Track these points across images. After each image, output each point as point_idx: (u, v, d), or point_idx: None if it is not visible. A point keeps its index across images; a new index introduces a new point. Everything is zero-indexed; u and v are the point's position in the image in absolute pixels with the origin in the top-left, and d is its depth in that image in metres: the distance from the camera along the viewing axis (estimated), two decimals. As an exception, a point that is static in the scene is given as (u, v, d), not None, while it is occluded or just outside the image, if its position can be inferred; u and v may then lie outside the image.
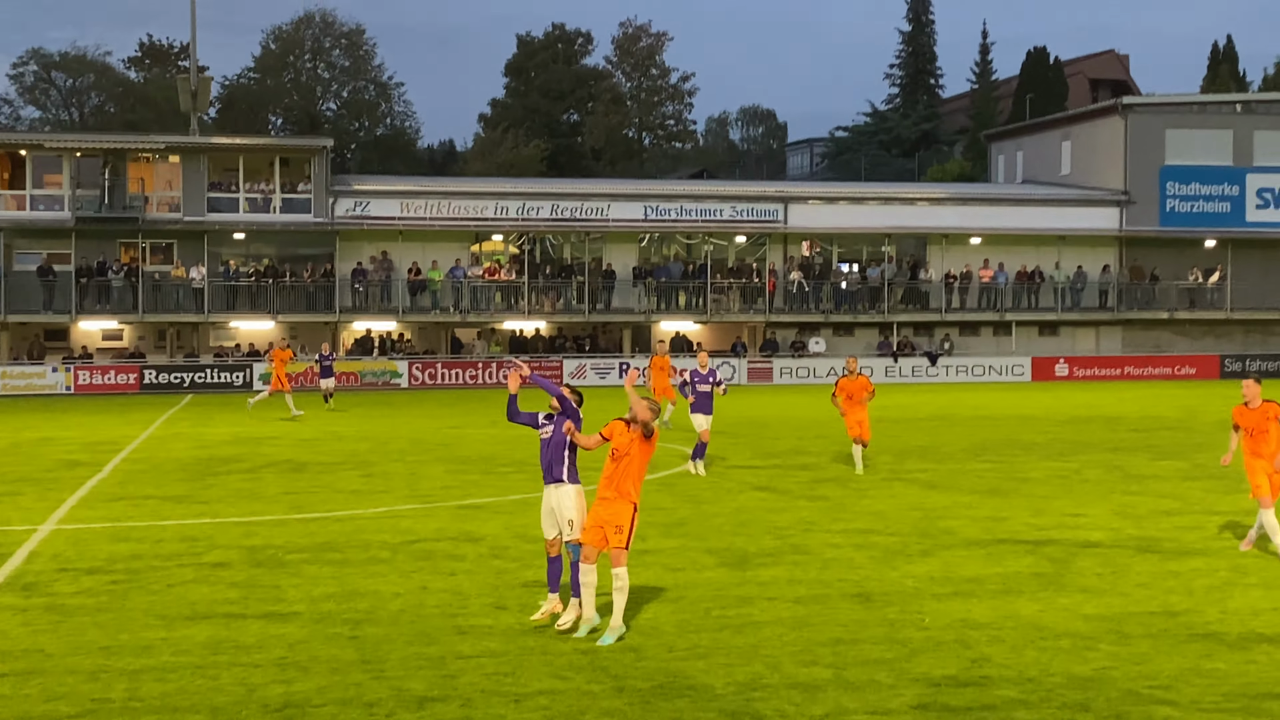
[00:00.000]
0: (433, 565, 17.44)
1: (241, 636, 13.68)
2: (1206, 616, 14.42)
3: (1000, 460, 29.46)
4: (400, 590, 15.88)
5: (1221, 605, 14.94)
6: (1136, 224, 67.37)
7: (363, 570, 17.12)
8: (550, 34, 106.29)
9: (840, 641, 13.45)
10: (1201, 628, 13.93)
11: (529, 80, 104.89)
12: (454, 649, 13.19)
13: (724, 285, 64.52)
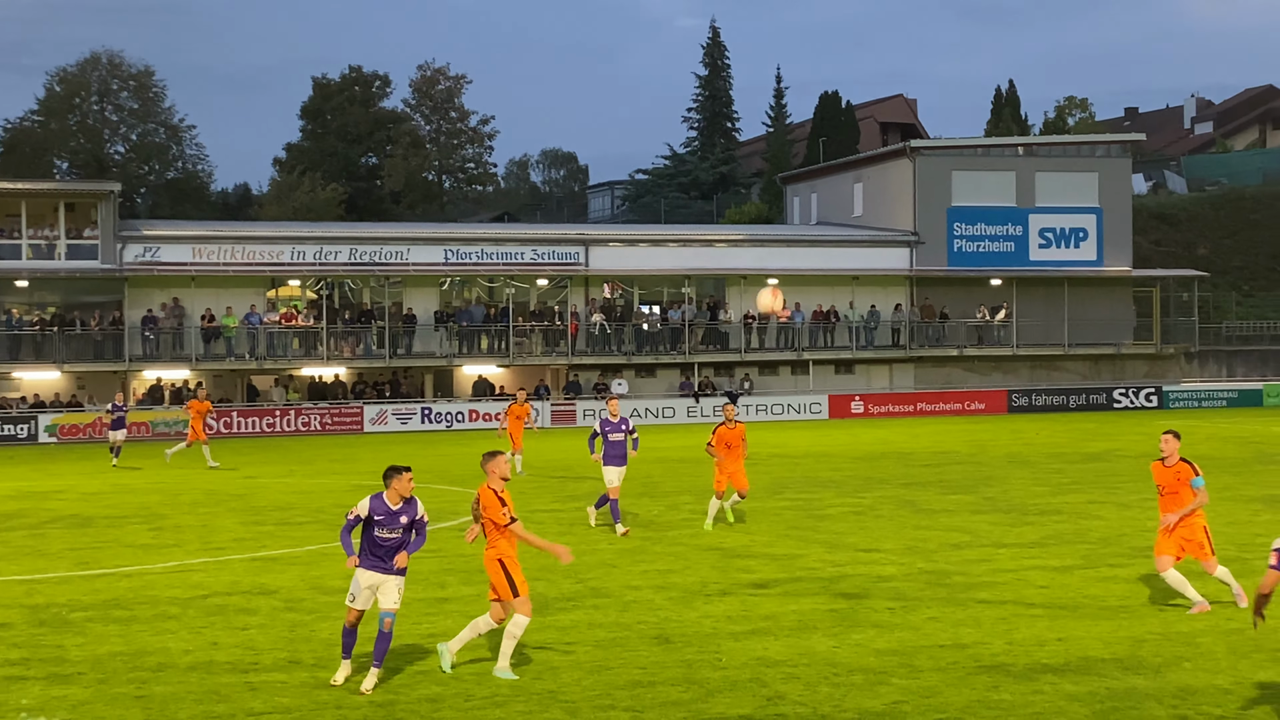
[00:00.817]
0: (224, 620, 17.03)
1: (22, 699, 13.20)
2: (994, 648, 14.78)
3: (798, 498, 29.87)
4: (190, 647, 15.48)
5: (1008, 637, 15.33)
6: (926, 263, 69.13)
7: (151, 627, 16.64)
8: (347, 76, 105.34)
9: (638, 684, 13.47)
10: (989, 659, 14.27)
11: (326, 123, 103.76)
12: (245, 706, 12.89)
13: (526, 328, 64.48)
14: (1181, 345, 72.07)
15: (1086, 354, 70.74)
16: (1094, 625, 15.86)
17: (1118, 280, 71.55)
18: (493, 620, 14.17)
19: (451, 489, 33.10)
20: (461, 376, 64.66)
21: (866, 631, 15.73)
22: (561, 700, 12.90)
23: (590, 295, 66.68)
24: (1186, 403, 67.56)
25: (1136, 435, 48.09)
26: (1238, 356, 73.29)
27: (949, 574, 19.56)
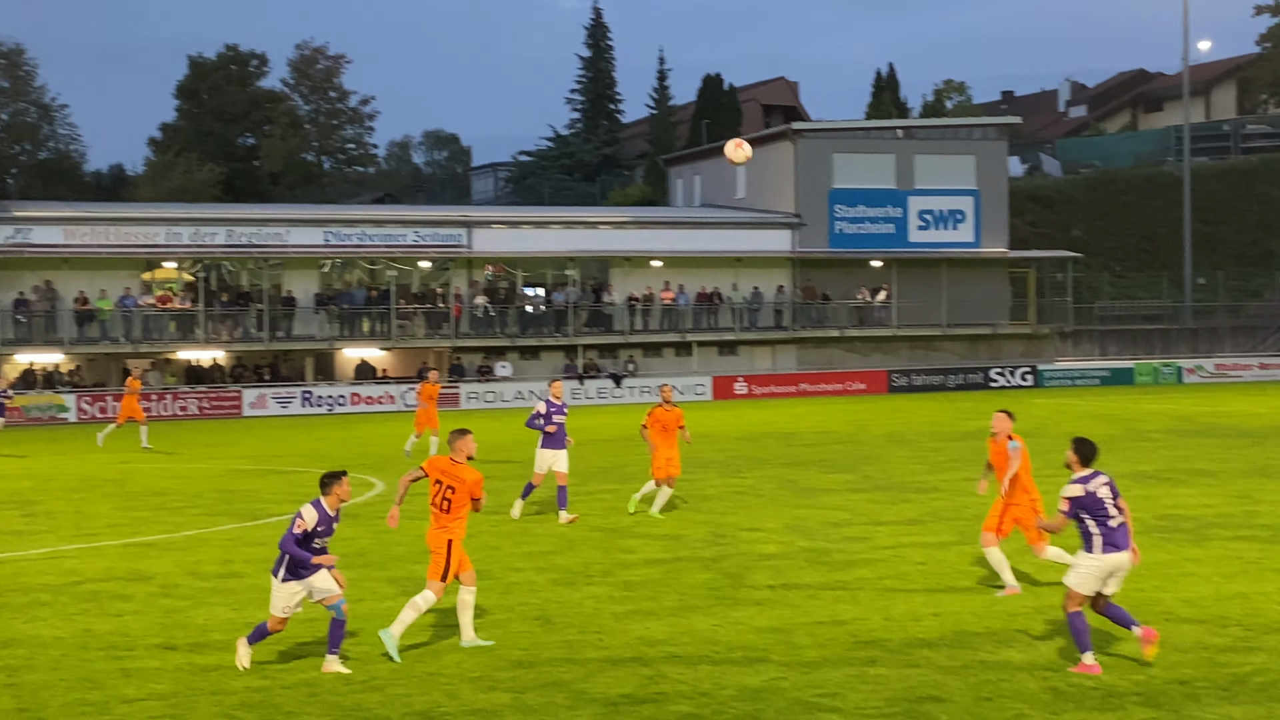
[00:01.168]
0: (98, 606, 16.76)
1: (-114, 691, 12.90)
2: (871, 624, 14.96)
3: (680, 479, 29.95)
4: (63, 634, 15.22)
5: (886, 613, 15.53)
6: (808, 245, 69.66)
7: (22, 615, 16.33)
8: (224, 55, 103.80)
9: (520, 665, 13.47)
10: (867, 635, 14.45)
11: (202, 102, 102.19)
12: (119, 693, 12.70)
13: (409, 311, 64.05)
14: (1056, 325, 73.35)
15: (964, 334, 71.74)
16: (969, 600, 16.12)
17: (994, 261, 72.63)
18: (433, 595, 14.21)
19: (332, 473, 32.80)
20: (343, 360, 64.09)
21: (747, 610, 15.85)
22: (441, 682, 12.86)
23: (473, 277, 66.41)
24: (1061, 381, 68.80)
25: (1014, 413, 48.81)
26: (1110, 336, 74.76)
27: (828, 552, 19.76)
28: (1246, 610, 15.23)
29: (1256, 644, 13.68)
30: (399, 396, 60.40)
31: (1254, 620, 14.74)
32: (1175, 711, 11.45)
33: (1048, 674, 12.74)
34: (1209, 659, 13.14)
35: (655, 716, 11.65)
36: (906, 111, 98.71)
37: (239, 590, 17.66)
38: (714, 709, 11.84)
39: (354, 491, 28.42)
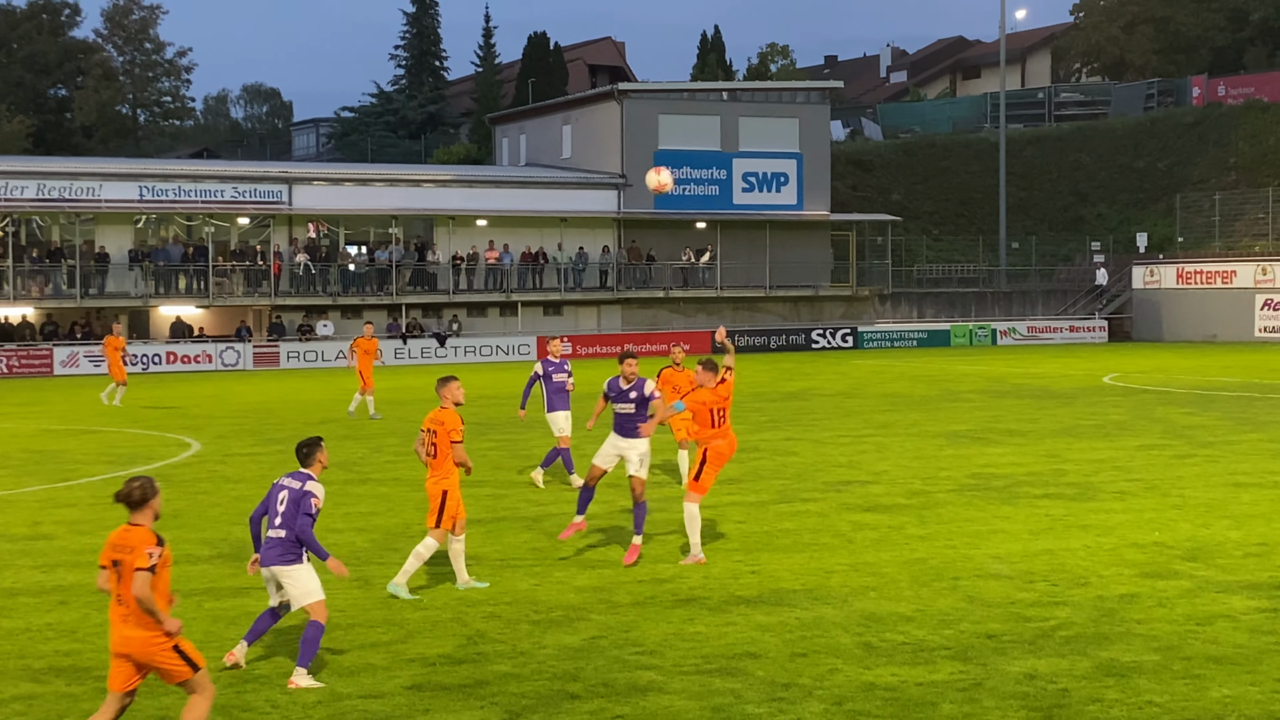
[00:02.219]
0: (-102, 571, 16.21)
1: None
2: (690, 582, 15.11)
3: (503, 439, 29.95)
4: None
5: (704, 571, 15.69)
6: (633, 206, 69.81)
7: None
8: (34, 4, 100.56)
9: (337, 627, 13.33)
10: (686, 593, 14.59)
11: (11, 52, 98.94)
12: (-81, 660, 12.32)
13: (227, 268, 62.83)
14: (876, 288, 74.64)
15: (787, 296, 72.63)
16: (786, 558, 16.36)
17: (816, 224, 73.61)
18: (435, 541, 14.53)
19: (147, 433, 32.15)
20: (159, 317, 62.66)
21: (568, 569, 15.90)
22: (260, 643, 12.68)
23: (294, 235, 65.36)
24: (880, 343, 70.11)
25: (833, 374, 49.68)
26: (928, 299, 76.31)
27: (652, 511, 19.86)
28: (1053, 566, 15.70)
29: (1062, 598, 14.11)
30: (216, 355, 59.29)
31: (1059, 575, 15.20)
32: (983, 665, 11.76)
33: (861, 629, 12.99)
34: (1016, 613, 13.52)
35: (474, 676, 11.64)
36: (732, 74, 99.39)
37: (48, 552, 17.22)
38: (533, 668, 11.86)
39: (167, 453, 27.93)
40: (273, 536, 12.06)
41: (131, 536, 9.47)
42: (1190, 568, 15.50)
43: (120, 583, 9.41)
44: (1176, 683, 11.19)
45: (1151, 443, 27.22)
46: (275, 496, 12.23)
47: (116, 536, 9.56)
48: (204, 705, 9.47)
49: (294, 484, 12.17)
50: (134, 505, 9.59)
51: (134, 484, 9.67)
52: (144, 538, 9.43)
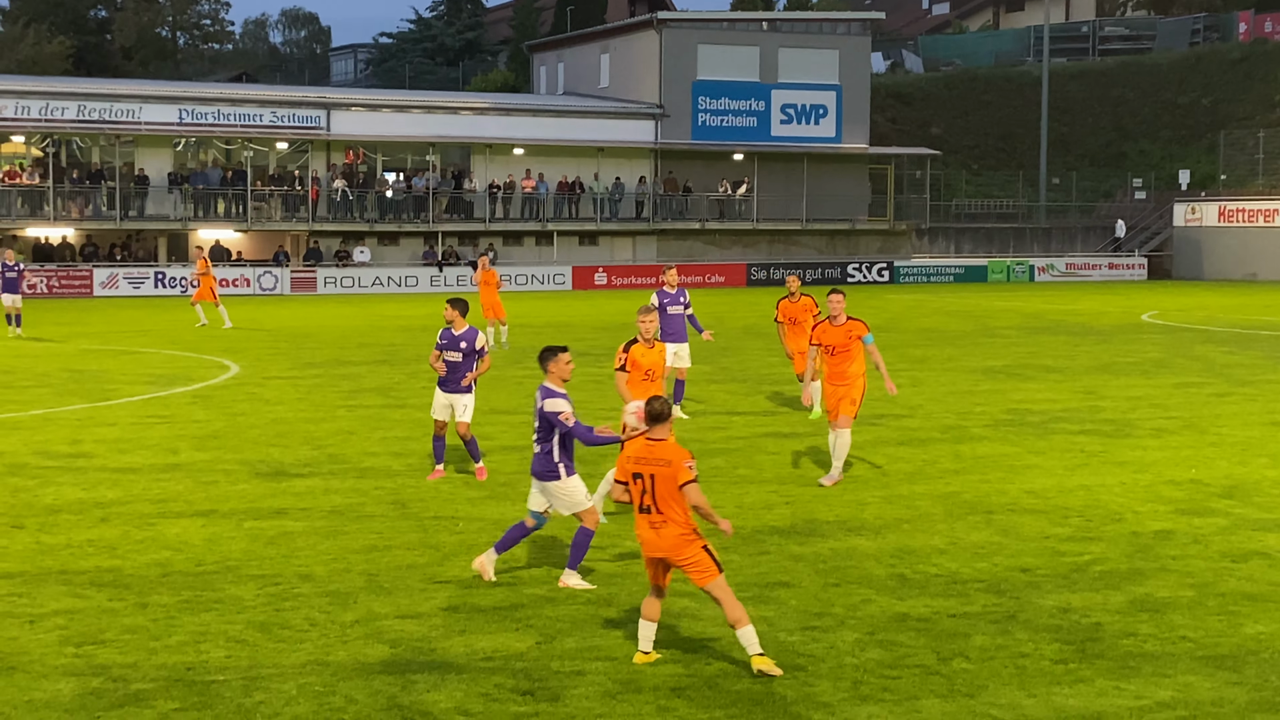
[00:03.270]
0: (-58, 486, 16.41)
1: None
2: (725, 512, 15.10)
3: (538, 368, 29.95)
4: (-96, 514, 14.89)
5: (738, 501, 15.75)
6: (670, 137, 69.51)
7: None
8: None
9: (374, 549, 13.47)
10: (720, 522, 14.62)
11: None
12: (-37, 573, 12.50)
13: (265, 193, 62.92)
14: (913, 222, 74.24)
15: (823, 229, 72.33)
16: (820, 490, 16.38)
17: (855, 157, 73.16)
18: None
19: (186, 355, 32.34)
20: (197, 241, 62.80)
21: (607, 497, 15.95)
22: (295, 564, 12.82)
23: (332, 160, 65.35)
24: (916, 278, 69.82)
25: (868, 308, 49.52)
26: (965, 234, 75.88)
27: (684, 441, 19.83)
28: (1087, 502, 15.70)
29: (1096, 534, 14.12)
30: (254, 280, 59.51)
31: (1094, 511, 15.20)
32: (1016, 598, 11.80)
33: (894, 560, 13.04)
34: (1051, 548, 13.54)
35: (509, 600, 11.74)
36: (772, 4, 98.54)
37: (88, 470, 17.39)
38: (567, 593, 11.96)
39: (206, 374, 28.12)
40: (535, 451, 12.50)
41: (662, 451, 10.07)
42: (1226, 505, 15.48)
43: (648, 494, 10.02)
44: (1210, 619, 11.20)
45: (1189, 380, 27.10)
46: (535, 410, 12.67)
47: (639, 451, 10.18)
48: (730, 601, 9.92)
49: (538, 398, 12.56)
50: (660, 420, 10.17)
51: (658, 401, 10.26)
52: (680, 451, 10.09)
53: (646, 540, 10.12)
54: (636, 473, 10.10)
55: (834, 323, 16.74)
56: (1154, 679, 9.76)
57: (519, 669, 9.95)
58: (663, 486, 9.97)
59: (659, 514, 10.00)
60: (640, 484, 10.07)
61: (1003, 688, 9.60)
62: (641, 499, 10.07)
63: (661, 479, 9.97)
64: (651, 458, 10.07)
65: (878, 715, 9.07)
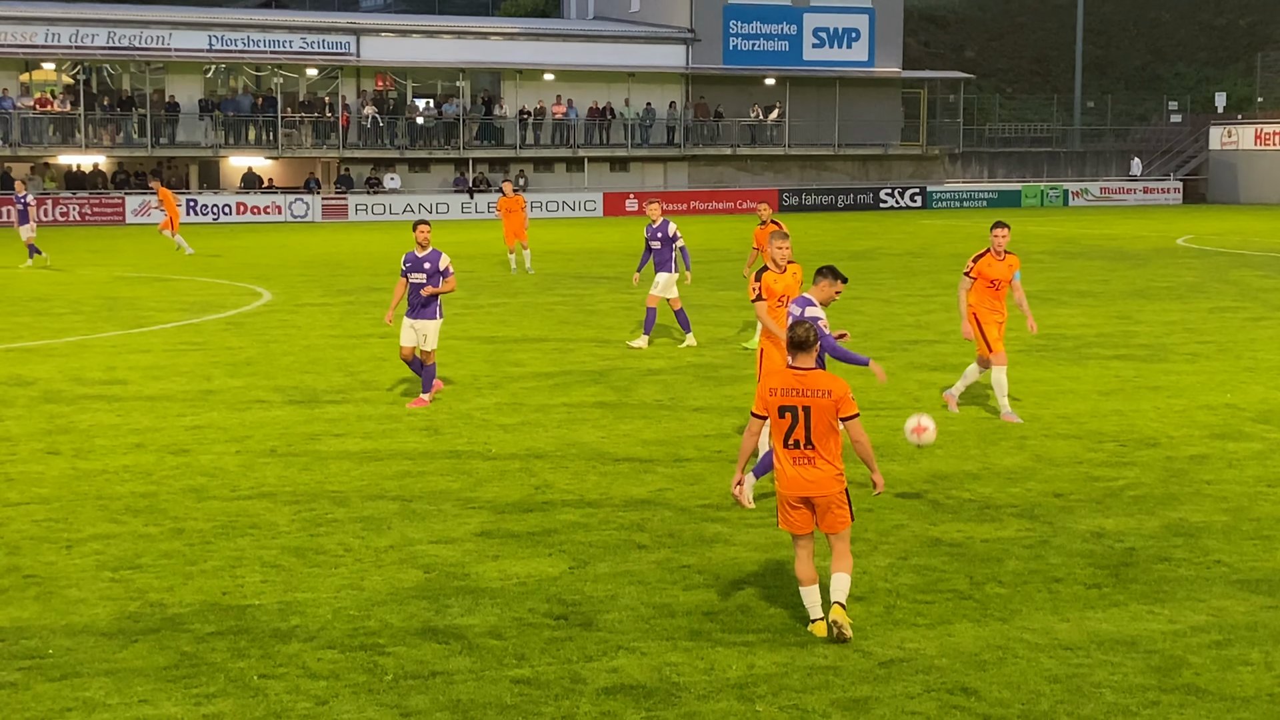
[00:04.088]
0: (-21, 413, 16.53)
1: None
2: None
3: (569, 294, 29.99)
4: (-58, 440, 15.01)
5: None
6: (701, 62, 69.01)
7: (-100, 421, 16.07)
8: None
9: (407, 475, 13.51)
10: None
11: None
12: (1, 497, 12.59)
13: (295, 120, 62.81)
14: (946, 147, 73.68)
15: (855, 154, 71.87)
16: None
17: (887, 81, 72.51)
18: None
19: (218, 282, 32.42)
20: (228, 168, 62.89)
21: (635, 423, 15.98)
22: (329, 491, 12.88)
23: (362, 87, 65.14)
24: (949, 203, 69.38)
25: (901, 234, 49.30)
26: (999, 158, 75.31)
27: (716, 367, 19.94)
28: (1121, 426, 15.63)
29: (1130, 459, 14.06)
30: (285, 207, 59.51)
31: (1128, 436, 15.14)
32: (1050, 523, 11.77)
33: (927, 487, 13.02)
34: (1084, 473, 13.50)
35: (542, 525, 11.77)
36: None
37: (123, 396, 17.48)
38: (600, 519, 11.98)
39: (239, 301, 28.19)
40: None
41: (817, 380, 9.19)
42: (1261, 430, 15.39)
43: (800, 427, 9.14)
44: (1245, 543, 11.16)
45: (1224, 305, 26.90)
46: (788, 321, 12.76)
47: (788, 381, 9.22)
48: (848, 551, 9.39)
49: (795, 309, 12.77)
50: (804, 348, 9.24)
51: (800, 327, 9.30)
52: (839, 382, 9.21)
53: (793, 478, 9.22)
54: (786, 405, 9.14)
55: (997, 257, 16.26)
56: (1188, 603, 9.74)
57: (552, 594, 9.99)
58: (819, 419, 9.11)
59: (813, 449, 9.16)
60: (789, 418, 9.15)
61: (1036, 612, 9.60)
62: (790, 433, 9.17)
63: (819, 410, 9.10)
64: (805, 388, 9.14)
65: (910, 640, 9.08)
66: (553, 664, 8.65)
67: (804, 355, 9.23)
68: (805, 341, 9.22)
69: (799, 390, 9.13)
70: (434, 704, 8.05)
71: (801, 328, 9.26)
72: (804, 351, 9.22)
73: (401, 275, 16.86)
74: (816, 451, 9.16)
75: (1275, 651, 8.83)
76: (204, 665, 8.64)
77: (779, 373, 9.35)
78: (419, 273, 16.64)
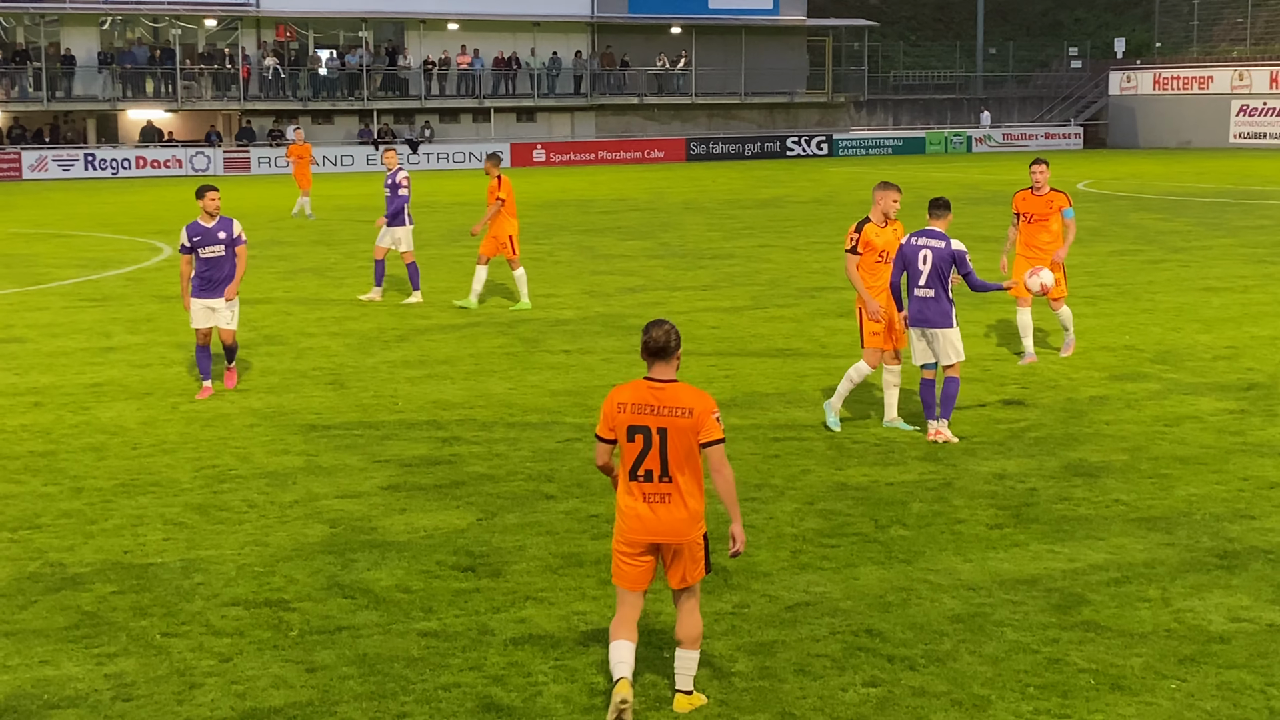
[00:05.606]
0: None
1: None
2: (664, 385, 15.15)
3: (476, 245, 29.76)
4: None
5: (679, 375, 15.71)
6: (607, 11, 68.63)
7: None
8: None
9: (313, 429, 13.40)
10: (659, 396, 14.64)
11: None
12: (-105, 461, 12.36)
13: (195, 71, 61.79)
14: (851, 95, 73.92)
15: (762, 103, 71.93)
16: (760, 363, 16.43)
17: (793, 29, 72.56)
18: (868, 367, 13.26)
19: (117, 237, 31.92)
20: (127, 122, 61.77)
21: (543, 373, 15.95)
22: (233, 446, 12.75)
23: (262, 38, 64.17)
24: (855, 150, 69.67)
25: (807, 182, 49.46)
26: (903, 105, 75.66)
27: (624, 317, 19.93)
28: (1023, 369, 15.82)
29: (1032, 401, 14.24)
30: (186, 160, 58.61)
31: (1030, 379, 15.32)
32: (953, 465, 11.90)
33: (832, 432, 13.11)
34: (986, 415, 13.65)
35: (450, 477, 11.73)
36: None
37: (21, 355, 17.19)
38: (508, 470, 11.95)
39: (138, 257, 27.78)
40: (920, 296, 12.59)
41: (676, 395, 7.24)
42: (1159, 370, 15.64)
43: (652, 454, 7.24)
44: (1144, 482, 11.35)
45: (1124, 248, 27.28)
46: (915, 256, 12.65)
47: (641, 396, 7.27)
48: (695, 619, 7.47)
49: (935, 243, 12.61)
50: (665, 354, 7.26)
51: (658, 330, 7.30)
52: (702, 398, 7.28)
53: (642, 519, 7.34)
54: (637, 425, 7.25)
55: (1036, 192, 16.48)
56: (1087, 542, 9.89)
57: (460, 546, 9.96)
58: (678, 444, 7.23)
59: (666, 481, 7.30)
60: (640, 441, 7.27)
61: (939, 553, 9.71)
62: (640, 461, 7.30)
63: (677, 433, 7.22)
64: (661, 405, 7.24)
65: (817, 583, 9.15)
66: (460, 615, 8.64)
67: (661, 364, 7.30)
68: (664, 347, 7.28)
69: (654, 407, 7.23)
70: (340, 658, 8.01)
71: (659, 330, 7.30)
72: (662, 360, 7.29)
73: (184, 252, 14.56)
74: (674, 484, 7.29)
75: (1172, 588, 9.00)
76: (105, 625, 8.54)
77: (630, 386, 7.41)
78: (213, 245, 14.51)
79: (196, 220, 14.63)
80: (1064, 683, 7.60)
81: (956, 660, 7.91)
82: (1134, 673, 7.72)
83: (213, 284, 14.64)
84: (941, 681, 7.64)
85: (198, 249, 14.56)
